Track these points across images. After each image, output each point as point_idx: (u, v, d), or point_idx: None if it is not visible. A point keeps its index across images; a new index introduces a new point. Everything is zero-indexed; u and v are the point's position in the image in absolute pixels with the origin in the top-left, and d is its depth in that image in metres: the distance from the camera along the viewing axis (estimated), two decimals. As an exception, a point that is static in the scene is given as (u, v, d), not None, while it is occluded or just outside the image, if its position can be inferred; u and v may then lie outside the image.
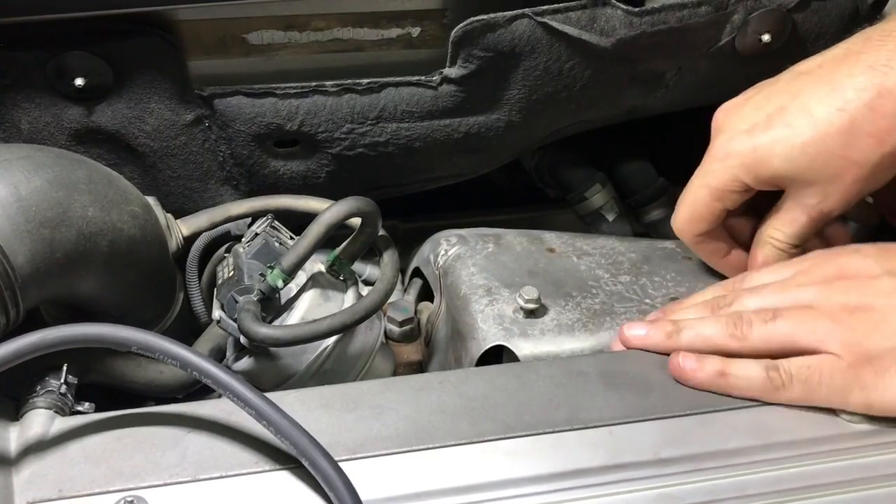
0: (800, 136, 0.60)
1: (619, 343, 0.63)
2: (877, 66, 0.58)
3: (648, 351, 0.61)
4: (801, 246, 0.65)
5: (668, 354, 0.59)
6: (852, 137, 0.59)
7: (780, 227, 0.65)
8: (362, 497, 0.47)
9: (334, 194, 0.71)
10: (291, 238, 0.68)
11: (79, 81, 0.72)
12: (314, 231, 0.63)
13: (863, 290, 0.56)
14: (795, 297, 0.57)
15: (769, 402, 0.56)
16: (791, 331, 0.55)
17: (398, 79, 0.78)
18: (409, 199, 0.91)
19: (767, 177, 0.62)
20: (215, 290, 0.68)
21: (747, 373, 0.56)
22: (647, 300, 0.71)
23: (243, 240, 0.70)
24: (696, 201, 0.66)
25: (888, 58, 0.58)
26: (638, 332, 0.61)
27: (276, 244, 0.67)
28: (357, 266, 0.71)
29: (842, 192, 0.61)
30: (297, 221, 0.72)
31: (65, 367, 0.56)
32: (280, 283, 0.62)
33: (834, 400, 0.55)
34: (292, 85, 0.76)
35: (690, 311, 0.62)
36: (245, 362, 0.65)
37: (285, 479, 0.50)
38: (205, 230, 0.77)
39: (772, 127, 0.61)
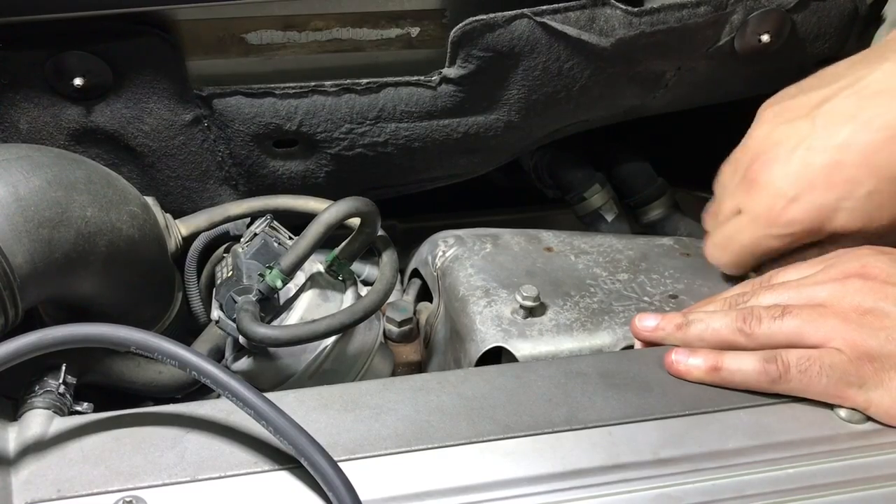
0: (863, 188, 0.59)
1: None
2: None
3: (658, 344, 0.61)
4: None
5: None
6: None
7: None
8: (361, 497, 0.46)
9: (333, 194, 0.71)
10: (290, 238, 0.68)
11: (77, 81, 0.72)
12: (313, 231, 0.63)
13: (880, 293, 0.55)
14: (810, 294, 0.57)
15: (769, 394, 0.56)
16: (798, 328, 0.55)
17: (397, 79, 0.78)
18: (408, 200, 0.91)
19: (831, 231, 0.62)
20: (214, 290, 0.68)
21: (741, 366, 0.56)
22: (646, 297, 0.71)
23: (242, 240, 0.70)
24: (744, 252, 0.66)
25: None
26: (648, 323, 0.61)
27: (275, 244, 0.67)
28: (356, 266, 0.71)
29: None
30: (295, 221, 0.72)
31: (63, 367, 0.56)
32: (279, 284, 0.62)
33: (831, 393, 0.54)
34: (291, 85, 0.76)
35: (710, 307, 0.62)
36: (244, 362, 0.65)
37: (284, 480, 0.50)
38: (204, 230, 0.77)
39: (833, 185, 0.60)
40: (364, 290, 0.66)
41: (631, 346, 0.65)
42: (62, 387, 0.55)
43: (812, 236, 0.63)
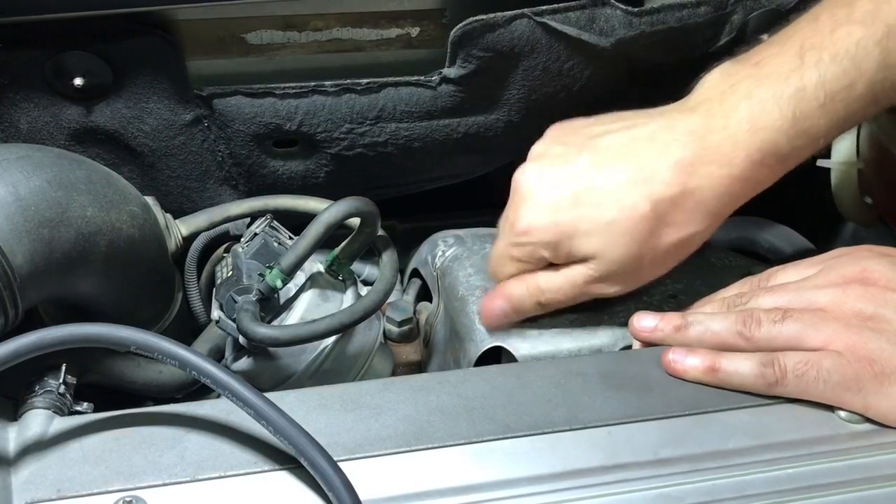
0: (606, 215, 0.60)
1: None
2: (682, 164, 0.59)
3: (656, 344, 0.61)
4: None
5: None
6: (656, 224, 0.60)
7: (553, 290, 0.64)
8: (361, 497, 0.46)
9: (333, 194, 0.71)
10: (290, 238, 0.68)
11: (78, 81, 0.72)
12: (313, 231, 0.63)
13: (881, 299, 0.55)
14: (811, 298, 0.57)
15: (768, 395, 0.56)
16: (798, 332, 0.55)
17: (397, 79, 0.78)
18: (409, 199, 0.91)
19: (567, 252, 0.62)
20: (214, 290, 0.68)
21: (738, 368, 0.56)
22: (645, 297, 0.71)
23: (242, 240, 0.69)
24: (495, 263, 0.66)
25: (694, 157, 0.59)
26: (647, 323, 0.61)
27: (275, 244, 0.67)
28: (356, 266, 0.71)
29: (635, 276, 0.63)
30: (296, 221, 0.72)
31: (63, 367, 0.56)
32: (279, 283, 0.62)
33: (829, 397, 0.54)
34: (291, 85, 0.76)
35: (708, 308, 0.62)
36: (244, 362, 0.65)
37: (284, 479, 0.50)
38: (204, 230, 0.77)
39: (579, 205, 0.61)
40: (364, 290, 0.66)
41: (630, 346, 0.65)
42: (62, 387, 0.55)
43: (551, 253, 0.62)
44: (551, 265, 0.64)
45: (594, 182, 0.61)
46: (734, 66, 0.62)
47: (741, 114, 0.59)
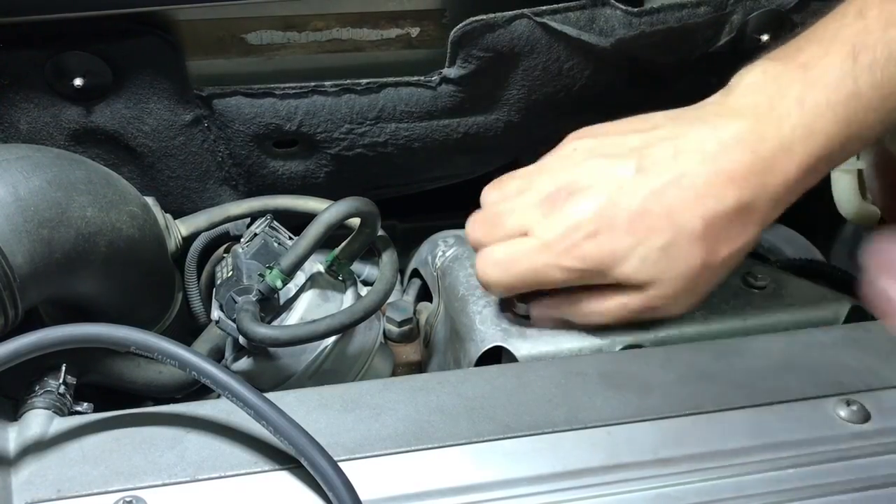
0: (660, 240, 0.58)
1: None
2: (736, 178, 0.57)
3: None
4: None
5: None
6: (712, 242, 0.58)
7: (599, 314, 0.63)
8: (361, 497, 0.47)
9: (333, 194, 0.71)
10: (290, 238, 0.68)
11: (77, 81, 0.72)
12: (313, 231, 0.63)
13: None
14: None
15: (768, 395, 0.55)
16: None
17: (397, 79, 0.78)
18: (408, 200, 0.91)
19: (621, 277, 0.60)
20: (214, 290, 0.68)
21: None
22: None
23: (242, 240, 0.70)
24: (525, 277, 0.62)
25: (746, 169, 0.57)
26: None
27: (275, 244, 0.67)
28: (356, 266, 0.71)
29: (692, 296, 0.61)
30: (296, 222, 0.72)
31: (63, 368, 0.56)
32: (279, 284, 0.62)
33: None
34: (291, 85, 0.76)
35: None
36: (244, 362, 0.65)
37: (284, 480, 0.50)
38: (203, 230, 0.77)
39: (635, 230, 0.59)
40: (364, 290, 0.66)
41: (630, 346, 0.65)
42: (62, 387, 0.55)
43: (596, 278, 0.60)
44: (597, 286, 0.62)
45: (648, 204, 0.59)
46: (778, 67, 0.59)
47: (794, 121, 0.57)
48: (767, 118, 0.58)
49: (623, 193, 0.59)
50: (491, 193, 0.67)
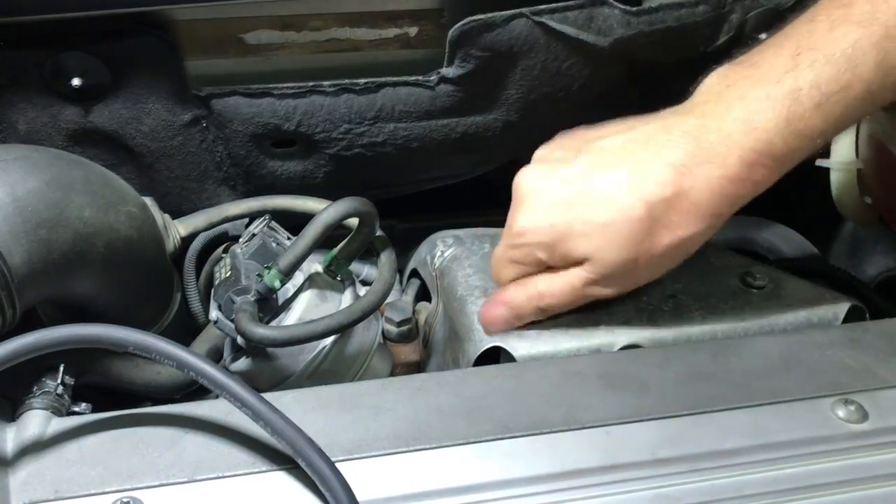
0: (600, 217, 0.60)
1: None
2: (677, 165, 0.59)
3: None
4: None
5: None
6: (651, 226, 0.60)
7: (551, 294, 0.64)
8: (359, 497, 0.47)
9: (332, 194, 0.71)
10: (289, 238, 0.68)
11: (76, 82, 0.72)
12: (311, 231, 0.63)
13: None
14: None
15: (768, 394, 0.55)
16: None
17: (395, 79, 0.78)
18: (408, 200, 0.91)
19: (562, 254, 0.62)
20: (212, 290, 0.68)
21: None
22: (644, 297, 0.70)
23: (241, 240, 0.70)
24: (496, 266, 0.67)
25: (688, 157, 0.59)
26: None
27: (274, 244, 0.67)
28: (355, 266, 0.71)
29: (630, 278, 0.63)
30: (294, 222, 0.72)
31: (62, 368, 0.56)
32: (277, 284, 0.62)
33: None
34: (290, 85, 0.76)
35: None
36: (242, 363, 0.65)
37: (282, 480, 0.50)
38: (202, 230, 0.77)
39: (574, 207, 0.61)
40: (363, 290, 0.66)
41: (629, 347, 0.65)
42: (60, 387, 0.55)
43: (547, 255, 0.62)
44: (549, 269, 0.64)
45: (589, 184, 0.61)
46: (731, 68, 0.62)
47: (735, 114, 0.59)
48: (712, 112, 0.60)
49: (570, 177, 0.62)
50: None
